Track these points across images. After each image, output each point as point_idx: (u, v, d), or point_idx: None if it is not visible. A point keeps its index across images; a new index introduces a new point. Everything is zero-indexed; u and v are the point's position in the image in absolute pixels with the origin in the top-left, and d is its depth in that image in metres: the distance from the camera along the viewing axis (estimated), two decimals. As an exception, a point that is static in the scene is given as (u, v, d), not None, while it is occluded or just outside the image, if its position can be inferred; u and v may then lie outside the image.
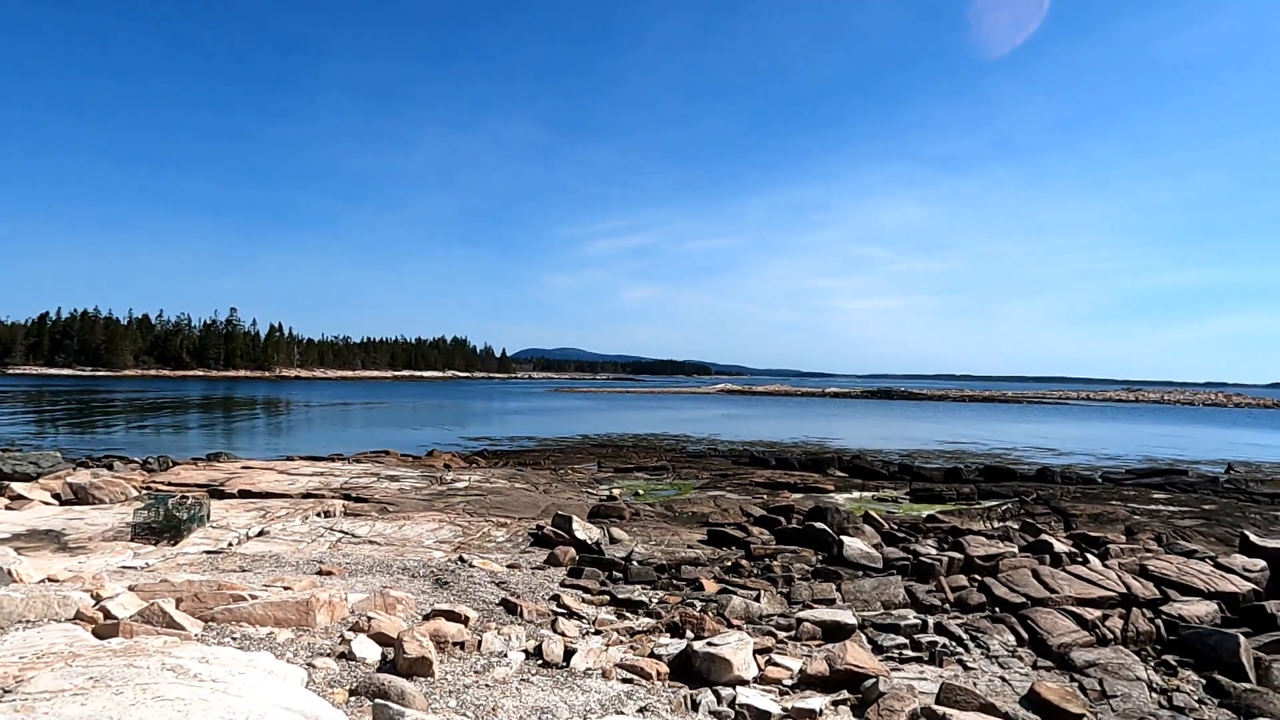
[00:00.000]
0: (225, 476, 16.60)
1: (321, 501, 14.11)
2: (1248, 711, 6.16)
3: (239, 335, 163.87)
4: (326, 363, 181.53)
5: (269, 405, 67.56)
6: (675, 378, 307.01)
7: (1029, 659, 7.36)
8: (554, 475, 22.22)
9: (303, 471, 18.38)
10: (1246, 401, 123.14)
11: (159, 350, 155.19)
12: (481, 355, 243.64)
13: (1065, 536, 13.46)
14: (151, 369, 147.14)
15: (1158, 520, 16.24)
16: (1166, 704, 6.35)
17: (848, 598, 9.24)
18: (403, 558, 10.15)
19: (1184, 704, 6.33)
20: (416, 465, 23.03)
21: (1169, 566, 10.08)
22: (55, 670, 4.36)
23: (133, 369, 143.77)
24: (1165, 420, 71.24)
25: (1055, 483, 23.48)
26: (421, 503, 15.12)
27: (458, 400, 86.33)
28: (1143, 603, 8.87)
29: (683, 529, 13.92)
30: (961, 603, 9.16)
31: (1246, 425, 65.64)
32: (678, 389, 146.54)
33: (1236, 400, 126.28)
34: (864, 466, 25.94)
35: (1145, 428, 59.26)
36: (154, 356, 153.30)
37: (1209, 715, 6.17)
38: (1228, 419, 76.29)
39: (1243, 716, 6.07)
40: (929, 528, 14.38)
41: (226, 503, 13.84)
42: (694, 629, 7.45)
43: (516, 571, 9.81)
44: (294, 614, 6.55)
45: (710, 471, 24.49)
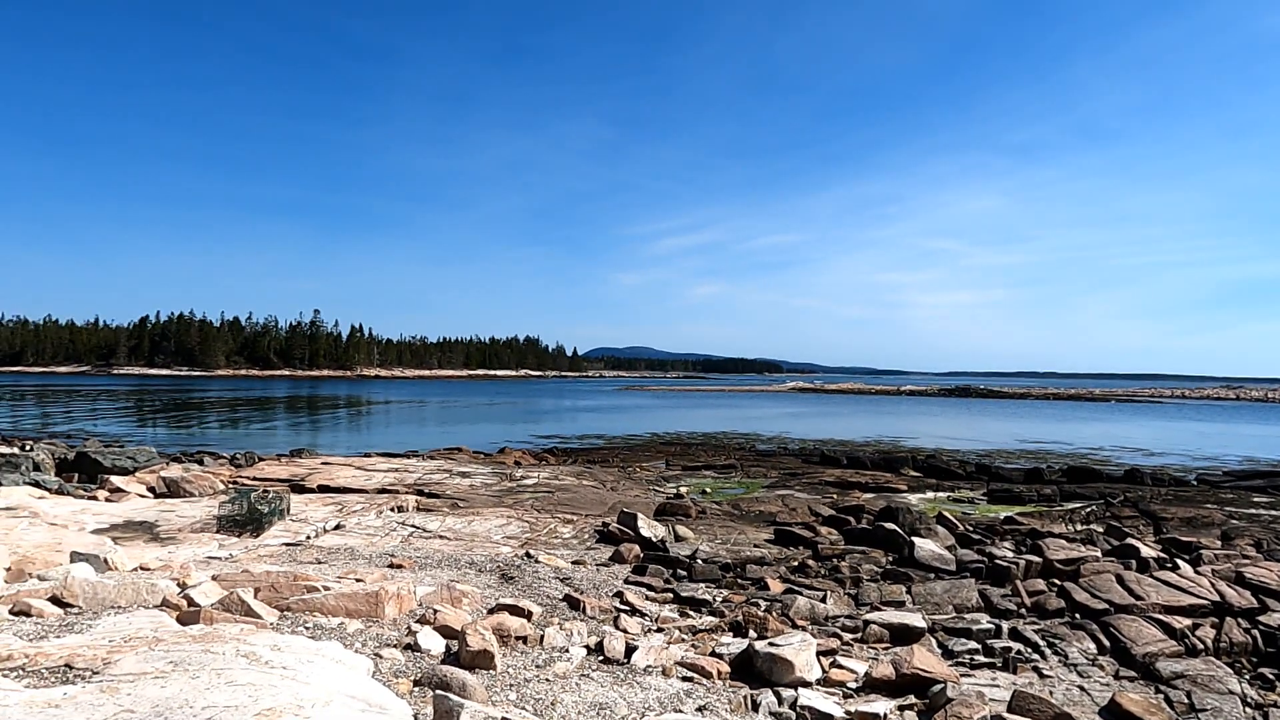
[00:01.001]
0: (306, 472, 17.24)
1: (395, 497, 14.51)
2: (1354, 731, 5.75)
3: (322, 336, 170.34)
4: (404, 362, 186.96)
5: (349, 403, 69.94)
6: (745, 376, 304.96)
7: (1110, 668, 7.02)
8: (622, 473, 22.33)
9: (379, 468, 18.95)
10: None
11: (248, 351, 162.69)
12: (553, 354, 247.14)
13: (1154, 541, 12.82)
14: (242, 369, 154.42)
15: (1258, 525, 15.30)
16: (1262, 719, 5.98)
17: (918, 600, 9.00)
18: (471, 552, 10.35)
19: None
20: (488, 462, 23.48)
21: (1268, 574, 9.48)
22: (139, 654, 4.60)
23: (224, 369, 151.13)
24: (1270, 420, 67.09)
25: (1145, 484, 22.37)
26: (491, 499, 15.39)
27: (529, 399, 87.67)
28: (1238, 612, 8.36)
29: (749, 528, 13.80)
30: (1039, 608, 8.81)
31: (1361, 425, 61.22)
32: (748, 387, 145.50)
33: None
34: (939, 466, 25.23)
35: (1247, 428, 55.92)
36: (244, 357, 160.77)
37: (1309, 733, 5.78)
38: (1340, 418, 71.32)
39: (1348, 736, 5.67)
40: (1006, 530, 13.89)
41: (306, 497, 14.37)
42: (757, 629, 7.37)
43: (581, 568, 9.89)
44: (364, 605, 6.74)
45: (779, 470, 24.21)
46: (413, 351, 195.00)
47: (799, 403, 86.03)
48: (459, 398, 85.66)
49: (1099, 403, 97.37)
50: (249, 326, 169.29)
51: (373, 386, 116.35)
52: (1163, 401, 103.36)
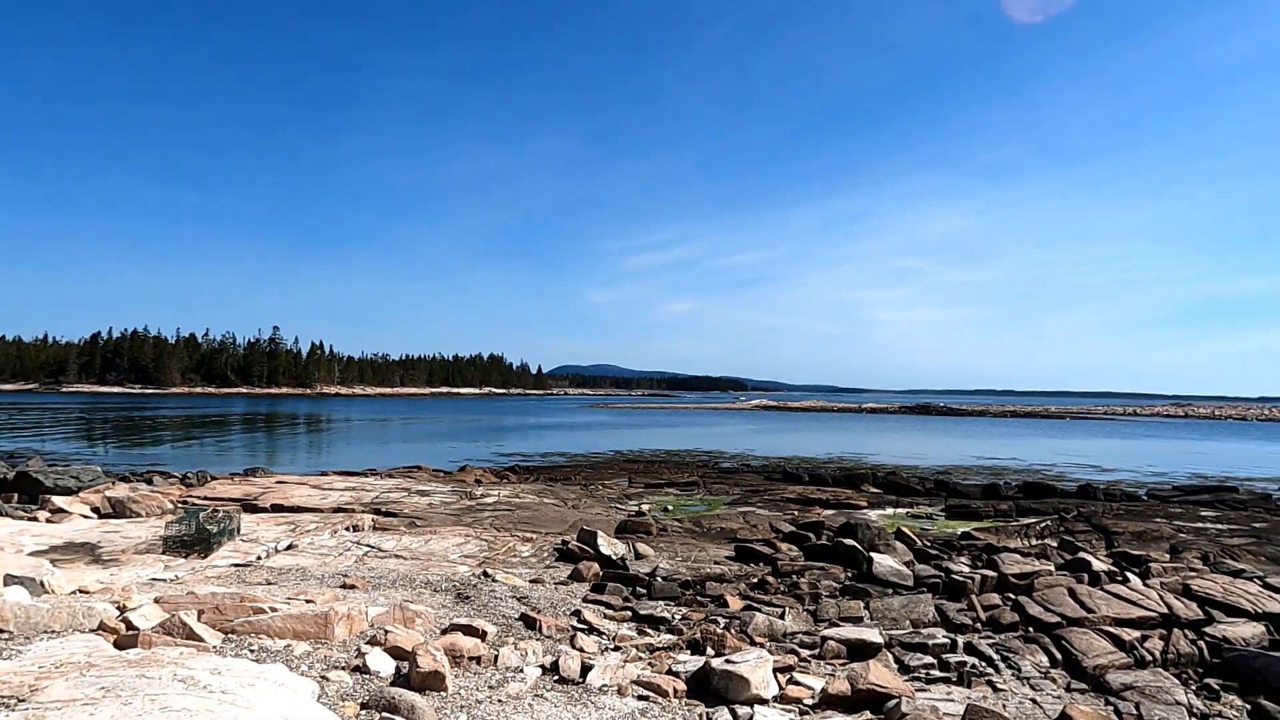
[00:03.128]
0: (259, 491, 16.84)
1: (351, 516, 14.24)
2: (1294, 739, 5.87)
3: (281, 353, 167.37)
4: (366, 379, 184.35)
5: (308, 421, 68.72)
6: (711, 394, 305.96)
7: (1062, 681, 7.11)
8: (584, 491, 22.20)
9: (335, 486, 18.59)
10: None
11: (205, 368, 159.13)
12: (518, 371, 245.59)
13: (1105, 555, 13.05)
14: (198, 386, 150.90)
15: (1204, 539, 15.68)
16: (1207, 730, 6.08)
17: (876, 616, 9.04)
18: (427, 572, 10.17)
19: (1226, 730, 6.06)
20: (448, 480, 23.17)
21: (1214, 586, 9.71)
22: (69, 680, 4.41)
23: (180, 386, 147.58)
24: (1216, 436, 69.04)
25: (1098, 500, 22.83)
26: (450, 517, 15.17)
27: (492, 416, 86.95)
28: (1185, 624, 8.54)
29: (710, 545, 13.77)
30: (994, 622, 8.91)
31: (1302, 441, 63.26)
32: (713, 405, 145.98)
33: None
34: (899, 483, 25.50)
35: (1194, 444, 57.47)
36: (200, 374, 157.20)
37: (1252, 742, 5.89)
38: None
39: (1289, 744, 5.78)
40: (963, 545, 14.06)
41: (258, 517, 14.03)
42: (715, 646, 7.32)
43: (539, 586, 9.77)
44: (313, 627, 6.57)
45: (741, 487, 24.26)
46: (375, 369, 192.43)
47: (763, 420, 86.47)
48: (421, 416, 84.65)
49: (1055, 420, 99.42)
50: (205, 343, 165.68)
51: (333, 404, 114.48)
52: (1115, 419, 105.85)
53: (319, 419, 73.31)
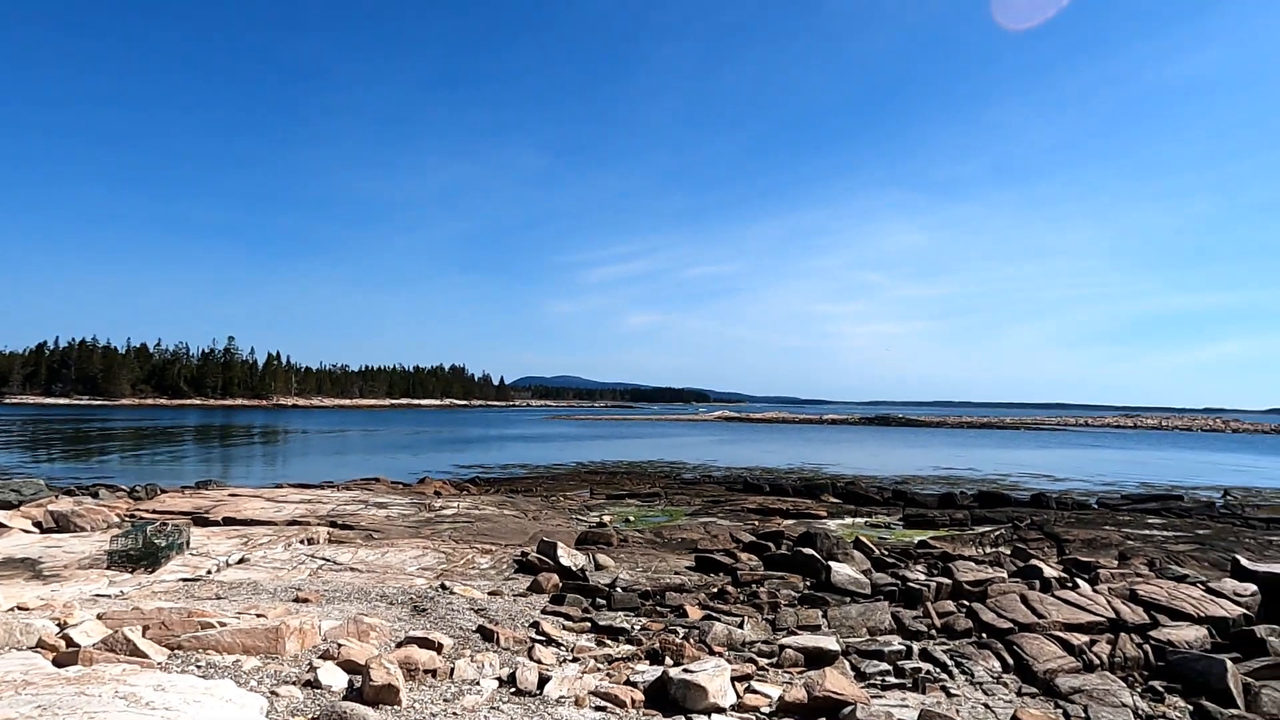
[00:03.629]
0: (211, 504, 16.46)
1: (306, 529, 13.98)
2: (1234, 738, 6.04)
3: (237, 364, 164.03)
4: (324, 391, 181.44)
5: (264, 434, 67.36)
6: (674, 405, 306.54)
7: (1014, 685, 7.23)
8: (545, 502, 22.07)
9: (290, 499, 18.24)
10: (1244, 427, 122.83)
11: (156, 379, 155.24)
12: (480, 383, 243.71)
13: (1057, 562, 13.33)
14: (149, 398, 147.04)
15: (1151, 545, 16.11)
16: (1152, 731, 6.23)
17: (833, 624, 9.11)
18: (383, 585, 10.02)
19: (1169, 731, 6.21)
20: (407, 493, 22.88)
21: (1159, 591, 9.96)
22: (4, 699, 4.26)
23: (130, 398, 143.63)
24: (1163, 446, 71.05)
25: (1050, 508, 23.32)
26: (408, 529, 14.98)
27: (453, 428, 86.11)
28: (1131, 628, 8.74)
29: (671, 555, 13.78)
30: (948, 628, 9.03)
31: (1244, 450, 65.42)
32: (676, 416, 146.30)
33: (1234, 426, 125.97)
34: (858, 492, 25.79)
35: (1143, 453, 59.08)
36: (151, 385, 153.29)
37: (1194, 742, 6.04)
38: (1225, 444, 76.06)
39: (1229, 743, 5.95)
40: (920, 553, 14.25)
41: (209, 530, 13.70)
42: (673, 656, 7.32)
43: (497, 599, 9.68)
44: (263, 641, 6.43)
45: (703, 498, 24.33)
46: (333, 380, 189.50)
47: (725, 431, 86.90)
48: (380, 427, 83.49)
49: (1009, 431, 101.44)
50: (158, 353, 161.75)
51: (290, 416, 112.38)
52: (1068, 430, 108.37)
53: (275, 431, 71.90)
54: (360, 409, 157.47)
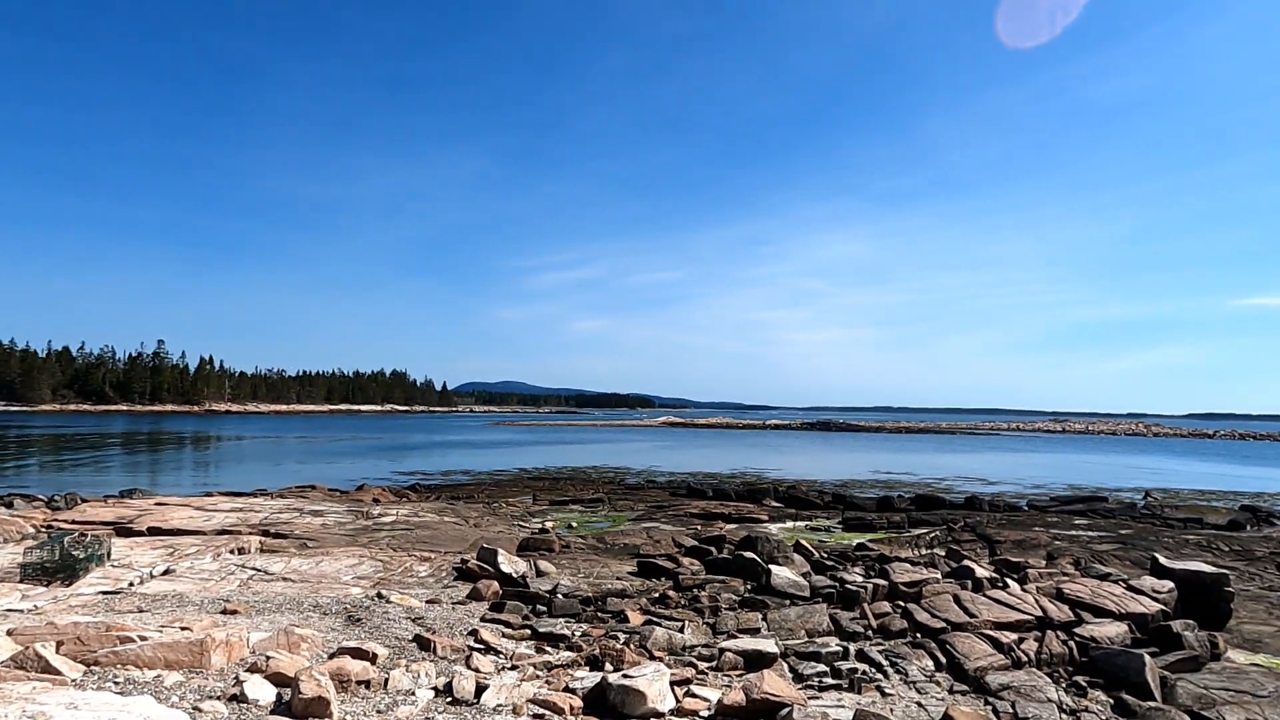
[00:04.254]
0: (135, 514, 15.81)
1: (237, 538, 13.53)
2: (1151, 730, 6.28)
3: (167, 368, 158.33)
4: (260, 396, 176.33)
5: (195, 440, 65.12)
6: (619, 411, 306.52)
7: (946, 683, 7.40)
8: (487, 509, 21.81)
9: (220, 508, 17.64)
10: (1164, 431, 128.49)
11: (80, 384, 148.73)
12: (422, 388, 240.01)
13: (988, 563, 13.69)
14: (71, 404, 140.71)
15: (1077, 545, 16.68)
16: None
17: (773, 627, 9.19)
18: (317, 594, 9.76)
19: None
20: (344, 500, 22.35)
21: (1084, 589, 10.32)
22: (-102, 721, 4.01)
23: (50, 404, 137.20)
24: (1089, 450, 73.81)
25: (983, 510, 23.99)
26: (344, 538, 14.62)
27: (394, 434, 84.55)
28: (1057, 625, 9.03)
29: (613, 561, 13.73)
30: (884, 629, 9.20)
31: (1164, 454, 68.41)
32: (621, 422, 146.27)
33: (1155, 430, 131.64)
34: (799, 496, 26.14)
35: (1070, 457, 61.28)
36: (74, 390, 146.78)
37: (1115, 734, 6.26)
38: (1147, 448, 79.42)
39: (1147, 735, 6.18)
40: (858, 556, 14.49)
41: (133, 541, 13.16)
42: (613, 661, 7.29)
43: (435, 607, 9.51)
44: (187, 655, 6.19)
45: (646, 503, 24.35)
46: (269, 385, 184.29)
47: (669, 437, 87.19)
48: (318, 434, 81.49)
49: (946, 435, 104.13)
50: (81, 357, 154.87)
51: (223, 422, 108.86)
52: (1000, 434, 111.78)
53: (206, 437, 69.57)
54: (297, 414, 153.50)
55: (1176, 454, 68.35)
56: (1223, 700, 6.99)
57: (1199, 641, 8.68)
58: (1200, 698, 7.06)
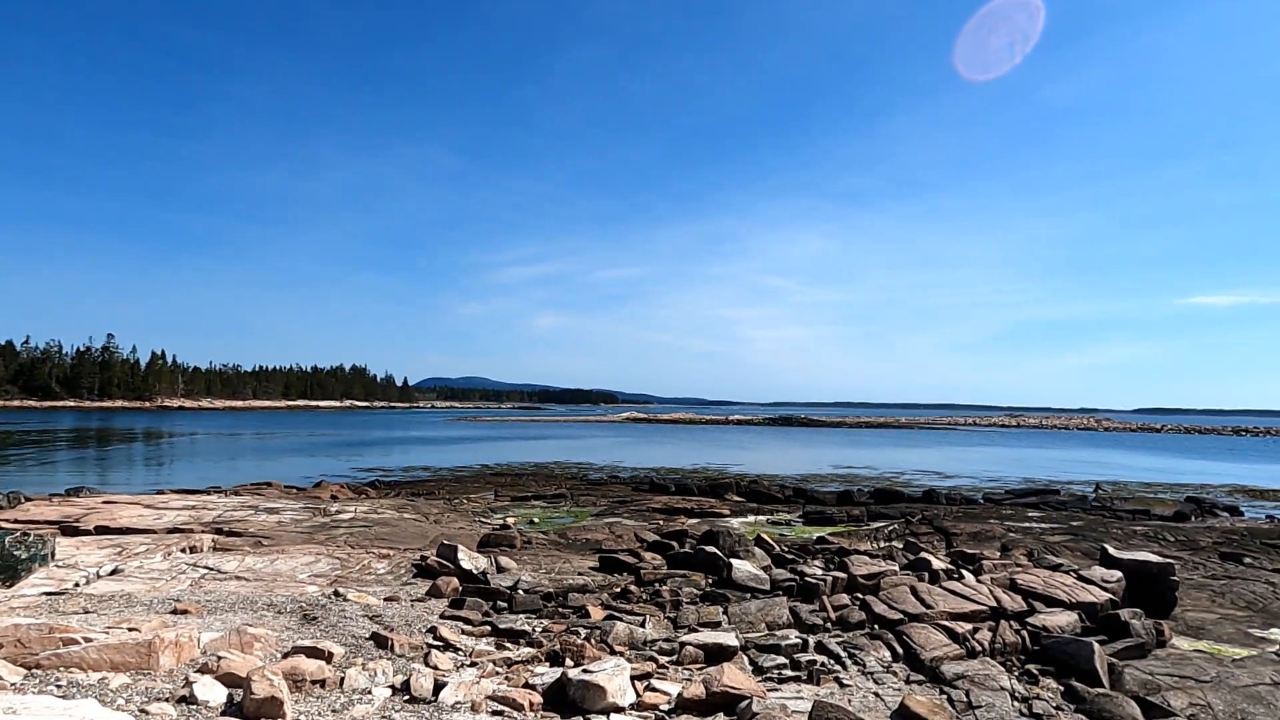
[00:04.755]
0: (82, 512, 15.36)
1: (189, 536, 13.22)
2: (1100, 715, 6.44)
3: (116, 363, 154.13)
4: (214, 392, 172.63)
5: (147, 437, 63.51)
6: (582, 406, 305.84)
7: (903, 674, 7.50)
8: (447, 505, 21.60)
9: (172, 505, 17.23)
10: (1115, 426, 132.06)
11: (24, 379, 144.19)
12: (382, 384, 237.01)
13: (945, 554, 13.92)
14: (15, 399, 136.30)
15: (1031, 537, 17.05)
16: (1027, 711, 6.57)
17: (733, 620, 9.24)
18: (271, 593, 9.57)
19: (1043, 711, 6.57)
20: (301, 497, 21.97)
21: (1036, 580, 10.54)
22: None
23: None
24: (1042, 444, 75.54)
25: (940, 504, 24.41)
26: (301, 535, 14.37)
27: (353, 430, 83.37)
28: (1011, 615, 9.21)
29: (575, 556, 13.70)
30: (843, 621, 9.30)
31: (1114, 447, 70.28)
32: (584, 418, 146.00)
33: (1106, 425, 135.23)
34: (761, 491, 26.33)
35: (1024, 451, 62.65)
36: (18, 386, 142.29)
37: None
38: (1098, 442, 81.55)
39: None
40: (818, 549, 14.63)
41: (79, 540, 12.78)
42: (574, 657, 7.26)
43: (394, 604, 9.39)
44: (134, 656, 6.02)
45: (609, 498, 24.33)
46: (225, 380, 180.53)
47: (633, 432, 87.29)
48: (275, 430, 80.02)
49: (904, 430, 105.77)
50: (26, 351, 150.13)
51: (176, 418, 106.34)
52: (957, 429, 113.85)
53: (158, 434, 67.89)
54: (254, 411, 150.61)
55: (1126, 448, 70.26)
56: (1168, 686, 7.19)
57: (1146, 629, 8.93)
58: (1146, 684, 7.25)
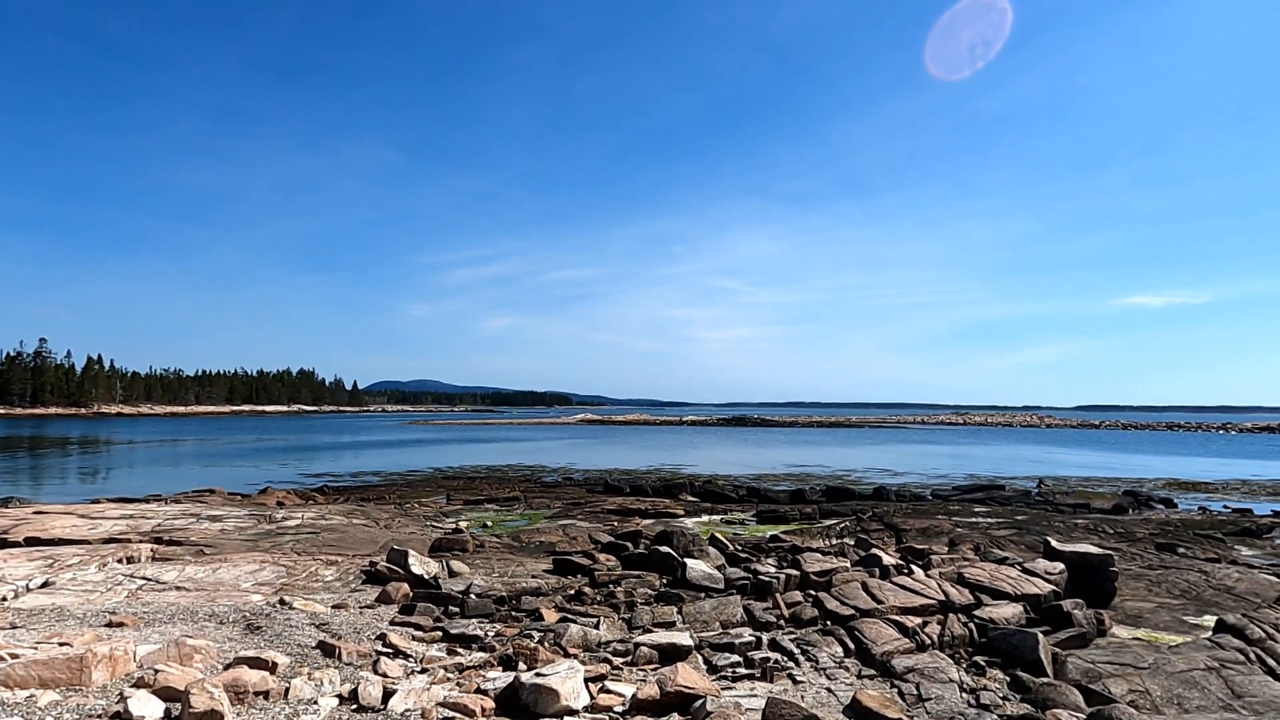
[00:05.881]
0: (11, 523, 14.71)
1: (126, 546, 12.75)
2: (1044, 704, 6.58)
3: (49, 368, 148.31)
4: (155, 397, 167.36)
5: (82, 444, 61.22)
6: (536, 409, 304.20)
7: (855, 669, 7.57)
8: (398, 510, 21.25)
9: (109, 515, 16.61)
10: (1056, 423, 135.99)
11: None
12: (331, 388, 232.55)
13: (895, 550, 14.14)
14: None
15: (977, 531, 17.42)
16: (975, 702, 6.69)
17: (688, 619, 9.23)
18: (213, 603, 9.27)
19: (990, 701, 6.69)
20: (245, 504, 21.39)
21: (982, 573, 10.75)
22: None
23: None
24: (987, 441, 77.42)
25: (890, 500, 24.82)
26: (245, 543, 13.98)
27: (301, 435, 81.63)
28: (958, 608, 9.38)
29: (529, 559, 13.58)
30: (796, 618, 9.36)
31: (1055, 444, 72.37)
32: (538, 420, 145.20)
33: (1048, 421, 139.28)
34: (714, 491, 26.46)
35: (970, 448, 64.13)
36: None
37: (1011, 710, 6.53)
38: (1040, 438, 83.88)
39: (1040, 709, 6.47)
40: (771, 547, 14.74)
41: (7, 552, 12.22)
42: (527, 660, 7.17)
43: (342, 612, 9.18)
44: (64, 672, 5.77)
45: (563, 500, 24.20)
46: (165, 385, 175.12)
47: (587, 434, 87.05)
48: (219, 435, 77.90)
49: (855, 429, 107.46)
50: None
51: (114, 425, 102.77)
52: (906, 427, 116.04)
53: (94, 441, 65.52)
54: (196, 416, 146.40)
55: (1067, 444, 72.39)
56: (1108, 673, 7.39)
57: (1087, 619, 9.17)
58: (1088, 672, 7.44)
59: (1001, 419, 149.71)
